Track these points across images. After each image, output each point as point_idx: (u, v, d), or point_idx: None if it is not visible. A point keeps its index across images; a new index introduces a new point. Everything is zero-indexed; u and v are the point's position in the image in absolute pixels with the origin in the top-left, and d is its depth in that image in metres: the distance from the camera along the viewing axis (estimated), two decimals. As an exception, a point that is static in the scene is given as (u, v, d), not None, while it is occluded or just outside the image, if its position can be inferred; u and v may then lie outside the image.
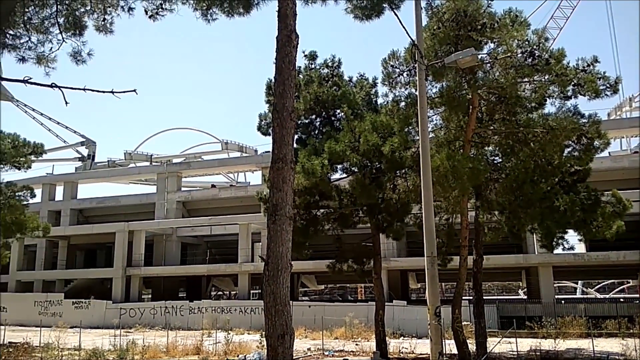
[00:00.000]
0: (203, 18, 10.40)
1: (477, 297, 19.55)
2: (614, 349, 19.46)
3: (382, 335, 19.96)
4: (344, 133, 18.22)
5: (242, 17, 10.38)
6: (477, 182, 16.46)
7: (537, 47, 14.31)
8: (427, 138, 12.12)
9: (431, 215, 11.74)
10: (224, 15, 10.35)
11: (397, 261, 34.61)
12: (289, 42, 8.52)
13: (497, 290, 76.75)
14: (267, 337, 7.72)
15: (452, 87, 15.81)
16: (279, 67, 8.56)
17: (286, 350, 7.55)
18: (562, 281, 65.59)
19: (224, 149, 54.32)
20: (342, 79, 20.62)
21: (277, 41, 8.58)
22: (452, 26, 15.15)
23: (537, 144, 16.56)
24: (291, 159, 8.26)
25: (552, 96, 16.69)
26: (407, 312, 29.38)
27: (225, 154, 54.36)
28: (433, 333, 10.94)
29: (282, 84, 8.46)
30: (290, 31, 8.50)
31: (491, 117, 18.02)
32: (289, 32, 8.48)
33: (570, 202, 16.97)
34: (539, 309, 30.49)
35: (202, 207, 48.10)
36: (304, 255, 20.38)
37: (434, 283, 11.50)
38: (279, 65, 8.55)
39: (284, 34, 8.50)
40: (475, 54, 11.91)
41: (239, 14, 10.32)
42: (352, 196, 19.28)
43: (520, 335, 21.68)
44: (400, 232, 20.71)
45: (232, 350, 21.10)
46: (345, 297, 62.75)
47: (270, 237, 7.90)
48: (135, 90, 8.18)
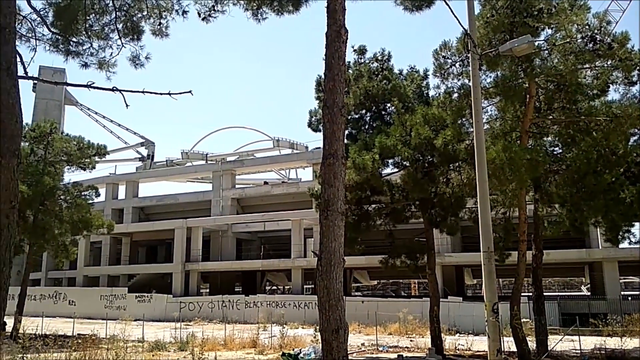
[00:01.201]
0: (254, 18, 10.58)
1: (537, 293, 18.87)
2: (690, 349, 18.27)
3: (438, 332, 19.64)
4: (394, 127, 18.01)
5: (291, 14, 10.48)
6: (536, 174, 15.87)
7: (598, 32, 13.58)
8: (481, 129, 11.78)
9: (487, 209, 11.42)
10: (273, 13, 10.49)
11: (452, 256, 33.97)
12: (338, 37, 8.52)
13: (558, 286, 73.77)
14: (322, 331, 7.79)
15: (508, 77, 15.28)
16: (328, 63, 8.58)
17: (341, 345, 7.59)
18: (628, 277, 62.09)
19: (275, 147, 55.11)
20: (392, 72, 20.37)
21: (326, 37, 8.60)
22: (506, 13, 14.62)
23: (600, 133, 15.75)
24: (342, 154, 8.27)
25: (615, 82, 15.86)
26: (463, 308, 28.77)
27: (277, 151, 55.14)
28: (491, 330, 10.65)
29: (332, 80, 8.47)
30: (340, 26, 8.49)
31: (550, 106, 17.30)
32: (338, 28, 8.48)
33: (637, 193, 16.05)
34: (603, 306, 29.09)
35: (256, 203, 49.07)
36: (357, 250, 20.36)
37: (491, 279, 11.19)
38: (329, 61, 8.57)
39: (333, 29, 8.51)
40: (532, 40, 11.46)
41: (289, 12, 10.43)
42: (404, 191, 19.05)
43: (584, 333, 20.75)
44: (455, 227, 20.26)
45: (287, 344, 21.41)
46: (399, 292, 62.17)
47: (322, 233, 7.95)
48: (190, 91, 8.45)
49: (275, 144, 55.13)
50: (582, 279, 60.86)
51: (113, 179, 54.14)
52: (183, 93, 8.46)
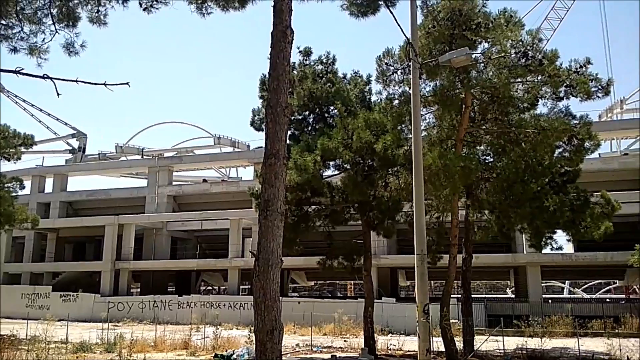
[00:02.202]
0: (198, 12, 10.34)
1: (465, 295, 19.70)
2: (599, 349, 19.69)
3: (371, 332, 20.04)
4: (337, 130, 18.22)
5: (237, 11, 10.33)
6: (469, 181, 16.56)
7: (530, 48, 14.41)
8: (419, 136, 12.17)
9: (422, 213, 11.81)
10: (219, 9, 10.30)
11: (387, 258, 34.76)
12: (284, 37, 8.50)
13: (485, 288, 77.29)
14: (256, 332, 7.73)
15: (446, 86, 15.87)
16: (273, 63, 8.53)
17: (275, 346, 7.56)
18: (549, 281, 66.18)
19: (216, 144, 54.09)
20: (337, 75, 20.61)
21: (272, 37, 8.55)
22: (447, 25, 15.20)
23: (528, 144, 16.68)
24: (284, 154, 8.25)
25: (544, 97, 16.83)
26: (396, 309, 29.51)
27: (218, 148, 54.16)
28: (421, 330, 11.02)
29: (276, 80, 8.44)
30: (286, 27, 8.47)
31: (484, 116, 18.13)
32: (284, 28, 8.45)
33: (559, 202, 17.13)
34: (526, 308, 30.79)
35: (193, 201, 47.95)
36: (295, 251, 20.40)
37: (424, 281, 11.58)
38: (274, 60, 8.52)
39: (279, 29, 8.47)
40: (470, 53, 11.98)
41: (235, 8, 10.27)
42: (344, 193, 19.30)
43: (507, 333, 21.86)
44: (391, 230, 20.79)
45: (221, 345, 21.08)
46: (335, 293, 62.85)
47: (261, 233, 7.89)
48: (128, 83, 8.13)
49: (216, 141, 54.09)
50: (507, 282, 64.12)
51: (40, 171, 51.10)
52: (120, 84, 8.13)
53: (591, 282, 69.49)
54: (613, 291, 66.60)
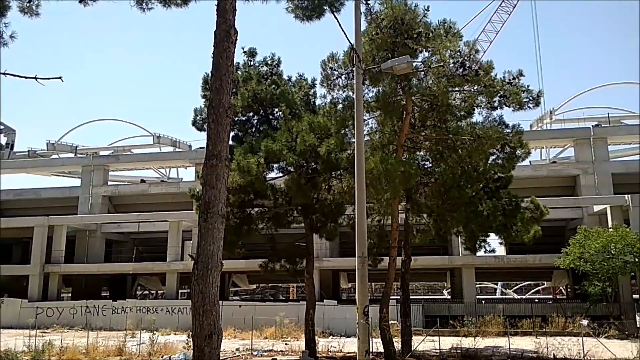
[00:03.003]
0: (138, 6, 10.00)
1: (404, 296, 20.19)
2: (528, 347, 20.73)
3: (312, 335, 20.10)
4: (281, 132, 18.17)
5: (179, 8, 10.09)
6: (408, 186, 16.99)
7: (468, 59, 15.00)
8: (362, 141, 12.35)
9: (363, 216, 11.97)
10: (160, 4, 10.01)
11: (330, 261, 35.03)
12: (227, 37, 8.39)
13: (423, 290, 79.49)
14: (194, 337, 7.57)
15: (388, 93, 16.22)
16: (216, 62, 8.40)
17: (213, 351, 7.43)
18: (483, 282, 69.07)
19: (155, 143, 52.49)
20: (281, 78, 20.57)
21: (215, 36, 8.42)
22: (389, 33, 15.55)
23: (464, 151, 17.34)
24: (226, 156, 8.13)
25: (480, 106, 17.57)
26: (337, 311, 29.77)
27: (157, 148, 52.60)
28: (361, 332, 11.16)
29: (219, 80, 8.31)
30: (229, 26, 8.37)
31: (423, 123, 18.68)
32: (227, 28, 8.35)
33: (493, 207, 17.93)
34: (461, 309, 31.97)
35: (130, 202, 46.26)
36: (237, 254, 20.13)
37: (364, 283, 11.73)
38: (217, 60, 8.40)
39: (222, 28, 8.36)
40: (411, 61, 12.30)
41: (177, 4, 10.02)
42: (287, 196, 19.28)
43: (443, 333, 22.58)
44: (334, 233, 20.96)
45: (157, 351, 20.43)
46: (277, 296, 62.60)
47: (201, 235, 7.74)
48: (61, 77, 7.74)
49: (155, 140, 52.47)
50: (444, 284, 66.27)
51: (-39, 168, 47.62)
52: (52, 79, 7.74)
53: (522, 283, 73.18)
54: (541, 292, 70.41)
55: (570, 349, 19.41)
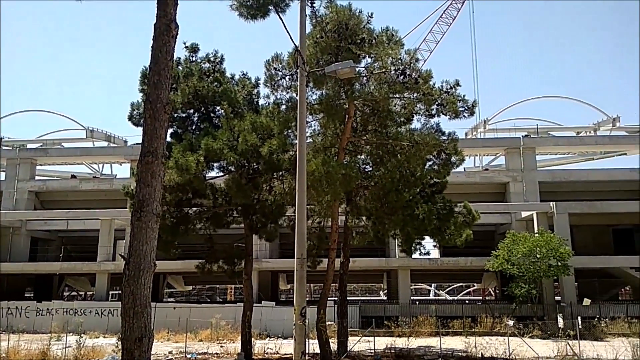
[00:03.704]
0: (73, -6, 9.50)
1: (341, 297, 20.42)
2: (458, 347, 21.54)
3: (248, 337, 19.89)
4: (222, 131, 17.87)
5: None
6: (349, 189, 17.22)
7: (408, 67, 15.39)
8: (304, 142, 12.39)
9: (304, 218, 12.01)
10: (96, -6, 9.56)
11: (269, 262, 34.84)
12: (167, 31, 8.15)
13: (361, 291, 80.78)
14: (124, 340, 7.28)
15: (331, 96, 16.37)
16: (155, 56, 8.14)
17: (143, 354, 7.17)
18: (418, 283, 71.16)
19: (88, 137, 50.03)
20: (224, 75, 20.22)
21: (154, 29, 8.16)
22: (334, 37, 15.70)
23: (403, 156, 17.80)
24: (162, 153, 7.89)
25: (418, 113, 18.09)
26: (275, 312, 29.63)
27: (90, 142, 50.21)
28: (297, 333, 11.18)
29: (157, 74, 8.05)
30: (170, 20, 8.14)
31: (365, 127, 18.99)
32: (168, 21, 8.11)
33: (428, 211, 18.51)
34: (396, 309, 32.76)
35: (59, 199, 43.83)
36: (172, 254, 19.58)
37: (302, 284, 11.78)
38: (156, 54, 8.14)
39: (162, 22, 8.11)
40: (354, 66, 12.48)
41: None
42: (228, 196, 18.98)
43: (379, 334, 23.03)
44: (274, 234, 20.87)
45: (84, 355, 19.48)
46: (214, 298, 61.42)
47: (133, 235, 7.46)
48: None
49: (88, 134, 49.96)
50: (381, 285, 67.69)
51: None
52: None
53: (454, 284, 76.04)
54: (472, 293, 73.48)
55: (497, 348, 20.35)
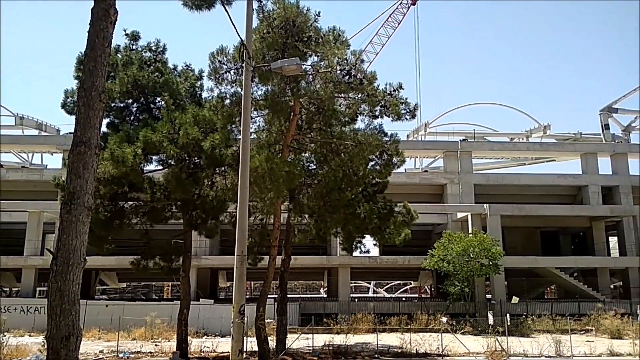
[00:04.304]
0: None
1: (281, 295, 20.38)
2: (394, 343, 22.06)
3: (184, 335, 19.44)
4: (162, 123, 17.32)
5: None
6: (292, 186, 17.19)
7: (354, 67, 15.54)
8: (248, 138, 12.23)
9: (245, 214, 11.86)
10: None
11: (209, 259, 34.24)
12: (106, 16, 7.78)
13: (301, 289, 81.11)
14: (49, 339, 6.90)
15: (277, 92, 16.27)
16: (91, 42, 7.76)
17: (70, 353, 6.82)
18: (358, 281, 72.33)
19: (18, 125, 47.13)
20: (166, 66, 19.60)
21: (92, 14, 7.77)
22: (281, 33, 15.60)
23: (347, 155, 17.98)
24: (96, 143, 7.53)
25: (362, 113, 18.35)
26: (213, 310, 29.15)
27: (20, 130, 47.30)
28: (235, 331, 11.03)
29: (93, 61, 7.68)
30: (109, 5, 7.78)
31: (310, 125, 19.03)
32: (107, 6, 7.75)
33: (369, 210, 18.83)
34: (336, 307, 33.14)
35: (-17, 189, 41.02)
36: (105, 250, 18.78)
37: (242, 282, 11.63)
38: (92, 40, 7.75)
39: (100, 7, 7.73)
40: (300, 64, 12.43)
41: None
42: (166, 190, 18.41)
43: (318, 331, 23.19)
44: (214, 230, 20.48)
45: (7, 354, 18.34)
46: (150, 295, 59.58)
47: (62, 228, 7.07)
48: None
49: (18, 121, 47.03)
50: (321, 283, 68.24)
51: None
52: None
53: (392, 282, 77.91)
54: (409, 291, 75.54)
55: (430, 344, 21.03)
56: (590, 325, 28.01)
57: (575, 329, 26.33)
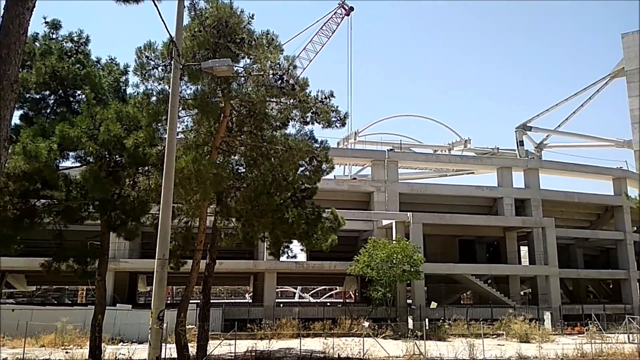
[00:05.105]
0: None
1: (204, 300, 19.88)
2: (318, 348, 22.23)
3: (98, 341, 18.45)
4: (82, 117, 16.38)
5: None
6: (220, 189, 16.88)
7: (286, 72, 15.56)
8: (174, 138, 11.86)
9: (169, 216, 11.48)
10: None
11: (128, 262, 32.75)
12: (22, 1, 7.25)
13: (226, 294, 79.69)
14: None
15: (207, 92, 15.94)
16: (5, 28, 7.17)
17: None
18: (284, 286, 72.17)
19: None
20: (89, 58, 18.59)
21: (6, -4, 7.21)
22: (213, 33, 15.32)
23: (277, 159, 17.94)
24: (6, 136, 6.95)
25: (294, 119, 18.40)
26: (131, 316, 27.88)
27: None
28: (153, 337, 10.65)
29: (6, 48, 7.09)
30: (26, -11, 7.24)
31: (240, 128, 18.80)
32: (23, -10, 7.21)
33: (298, 215, 18.89)
34: (260, 312, 32.86)
35: None
36: (13, 250, 17.44)
37: (162, 286, 11.27)
38: (7, 26, 7.17)
39: (16, -11, 7.19)
40: (232, 65, 12.25)
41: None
42: (84, 189, 17.41)
43: (241, 337, 22.89)
44: (135, 232, 19.64)
45: None
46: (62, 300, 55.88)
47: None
48: None
49: None
50: (247, 288, 67.40)
51: None
52: None
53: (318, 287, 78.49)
54: (334, 296, 76.46)
55: (352, 349, 21.39)
56: (501, 329, 29.73)
57: (487, 333, 27.84)
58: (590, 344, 22.82)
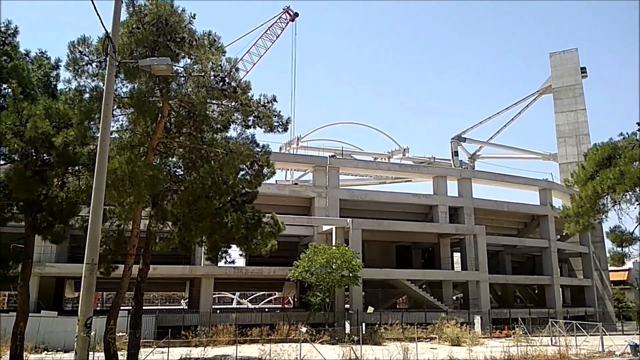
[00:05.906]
0: None
1: (136, 307, 19.15)
2: (255, 354, 21.98)
3: (19, 350, 17.28)
4: (7, 113, 15.33)
5: None
6: (155, 191, 16.33)
7: (228, 74, 15.36)
8: (108, 137, 11.39)
9: (99, 219, 11.01)
10: None
11: (54, 267, 30.98)
12: (-62, -17, 6.73)
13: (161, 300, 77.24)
14: None
15: (144, 91, 15.43)
16: None
17: None
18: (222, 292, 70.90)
19: None
20: (17, 50, 17.45)
21: None
22: (151, 30, 14.87)
23: (217, 163, 17.63)
24: None
25: (235, 122, 18.18)
26: (57, 323, 26.37)
27: None
28: (79, 346, 10.17)
29: None
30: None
31: (179, 129, 18.34)
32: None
33: (237, 219, 18.62)
34: (196, 319, 32.05)
35: None
36: None
37: (90, 292, 10.78)
38: None
39: None
40: (171, 64, 11.96)
41: None
42: (7, 188, 16.32)
43: (175, 344, 22.24)
44: (62, 235, 18.58)
45: None
46: (-20, 307, 52.09)
47: None
48: None
49: None
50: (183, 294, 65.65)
51: None
52: None
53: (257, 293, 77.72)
54: (273, 301, 75.99)
55: (289, 354, 21.32)
56: (434, 333, 30.65)
57: (421, 337, 28.63)
58: (517, 346, 23.97)
